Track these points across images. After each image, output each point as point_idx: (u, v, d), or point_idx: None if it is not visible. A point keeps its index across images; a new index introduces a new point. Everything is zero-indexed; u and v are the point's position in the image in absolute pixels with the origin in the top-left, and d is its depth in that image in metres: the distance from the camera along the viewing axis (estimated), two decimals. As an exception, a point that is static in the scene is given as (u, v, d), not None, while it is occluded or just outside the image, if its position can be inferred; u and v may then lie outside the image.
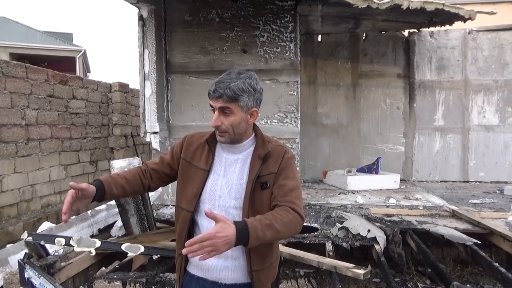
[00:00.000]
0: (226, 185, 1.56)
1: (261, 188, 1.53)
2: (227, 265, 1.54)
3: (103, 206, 5.45)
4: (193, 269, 1.61)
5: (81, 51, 15.84)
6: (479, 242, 3.44)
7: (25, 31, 16.47)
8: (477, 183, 6.80)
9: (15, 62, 6.03)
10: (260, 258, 1.55)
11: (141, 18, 5.07)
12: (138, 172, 1.68)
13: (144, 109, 5.11)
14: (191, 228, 1.59)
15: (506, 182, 6.59)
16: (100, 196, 1.54)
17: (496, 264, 2.98)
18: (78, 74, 13.60)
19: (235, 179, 1.56)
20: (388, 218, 4.20)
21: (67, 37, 18.51)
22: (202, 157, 1.60)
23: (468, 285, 2.87)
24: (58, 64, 13.38)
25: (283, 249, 3.46)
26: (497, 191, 5.86)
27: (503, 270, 2.86)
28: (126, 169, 1.74)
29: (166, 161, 1.69)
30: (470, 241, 3.44)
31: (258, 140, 1.61)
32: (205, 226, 1.55)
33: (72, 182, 1.44)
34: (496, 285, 3.47)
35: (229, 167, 1.58)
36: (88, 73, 18.67)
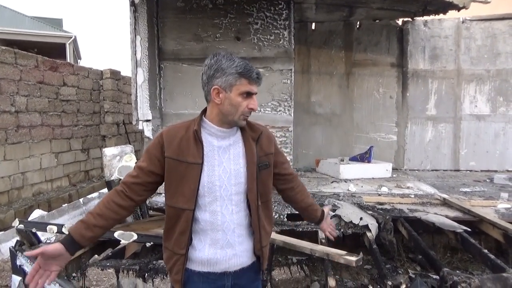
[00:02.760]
0: (223, 173, 1.53)
1: (260, 169, 1.59)
2: (235, 253, 1.56)
3: (95, 194, 5.43)
4: (196, 266, 1.56)
5: (71, 37, 15.54)
6: (469, 229, 3.49)
7: (13, 16, 16.11)
8: (468, 172, 6.88)
9: (4, 48, 5.91)
10: (266, 234, 1.66)
11: (132, 3, 4.97)
12: (112, 201, 1.54)
13: (136, 97, 5.05)
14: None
15: (496, 171, 6.67)
16: (74, 248, 1.46)
17: (485, 251, 3.03)
18: (68, 61, 13.38)
19: (232, 165, 1.55)
20: (380, 206, 4.24)
21: (57, 23, 18.16)
22: (189, 150, 1.51)
23: (457, 272, 2.92)
24: (48, 51, 13.14)
25: (276, 236, 3.48)
26: (487, 180, 5.93)
27: (492, 256, 2.91)
28: (101, 199, 1.58)
29: (147, 169, 1.54)
30: (460, 228, 3.48)
31: None
32: (208, 219, 1.54)
33: (27, 251, 1.37)
34: (485, 271, 3.53)
35: (223, 155, 1.55)
36: (78, 60, 18.37)
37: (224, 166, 1.54)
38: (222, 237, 1.54)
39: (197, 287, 1.57)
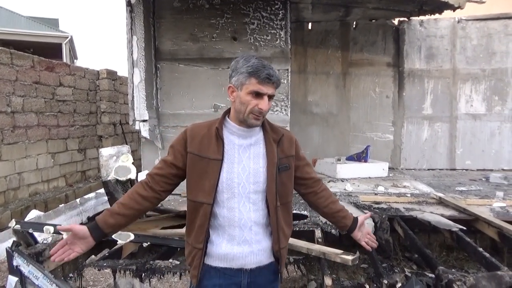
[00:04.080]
0: (242, 171, 1.57)
1: (280, 170, 1.61)
2: (252, 250, 1.58)
3: (92, 194, 5.42)
4: (214, 261, 1.59)
5: (67, 37, 15.48)
6: (464, 228, 3.50)
7: (9, 16, 16.03)
8: (464, 171, 6.91)
9: (0, 48, 5.89)
10: (285, 236, 1.67)
11: (129, 3, 4.97)
12: (135, 191, 1.63)
13: (133, 97, 5.05)
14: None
15: (491, 170, 6.71)
16: (97, 233, 1.56)
17: (481, 249, 3.05)
18: (64, 61, 13.33)
19: (251, 164, 1.59)
20: (377, 206, 4.26)
21: (53, 23, 18.09)
22: (210, 147, 1.57)
23: (453, 270, 2.94)
24: (44, 51, 13.08)
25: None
26: (483, 179, 5.97)
27: (487, 255, 2.93)
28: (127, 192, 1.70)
29: (169, 161, 1.63)
30: (455, 227, 3.50)
31: (265, 124, 1.66)
32: (226, 215, 1.57)
33: (59, 226, 1.58)
34: (480, 269, 3.55)
35: (244, 153, 1.59)
36: (75, 60, 18.31)
37: (243, 164, 1.58)
38: (238, 234, 1.57)
39: (214, 282, 1.60)
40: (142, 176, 4.99)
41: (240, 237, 1.57)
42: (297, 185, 1.80)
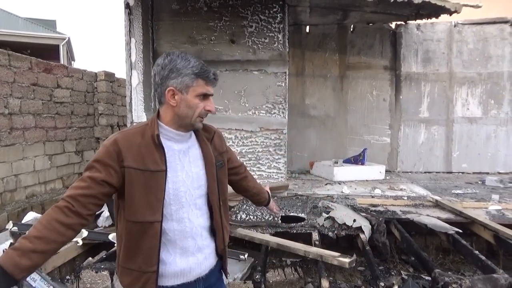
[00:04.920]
0: (186, 178, 1.48)
1: (217, 168, 1.58)
2: (205, 256, 1.55)
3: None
4: (168, 281, 1.46)
5: (65, 39, 15.47)
6: (460, 231, 3.53)
7: (6, 17, 16.01)
8: (460, 174, 6.95)
9: (-3, 50, 5.88)
10: (227, 234, 1.67)
11: (127, 6, 4.98)
12: (54, 219, 1.29)
13: (130, 99, 5.05)
14: None
15: (487, 173, 6.75)
16: (5, 282, 1.18)
17: (477, 252, 3.07)
18: (62, 63, 13.31)
19: (193, 168, 1.51)
20: (373, 208, 4.28)
21: (50, 24, 18.07)
22: (150, 157, 1.39)
23: (449, 273, 2.95)
24: (41, 52, 13.06)
25: (270, 238, 3.50)
26: (479, 182, 6.00)
27: (483, 257, 2.95)
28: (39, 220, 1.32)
29: (100, 179, 1.34)
30: (452, 230, 3.53)
31: None
32: (176, 228, 1.46)
33: None
34: (476, 272, 3.57)
35: (184, 158, 1.49)
36: (72, 62, 18.29)
37: (186, 170, 1.48)
38: (192, 244, 1.49)
39: None
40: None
41: (194, 247, 1.49)
42: (231, 175, 1.83)
